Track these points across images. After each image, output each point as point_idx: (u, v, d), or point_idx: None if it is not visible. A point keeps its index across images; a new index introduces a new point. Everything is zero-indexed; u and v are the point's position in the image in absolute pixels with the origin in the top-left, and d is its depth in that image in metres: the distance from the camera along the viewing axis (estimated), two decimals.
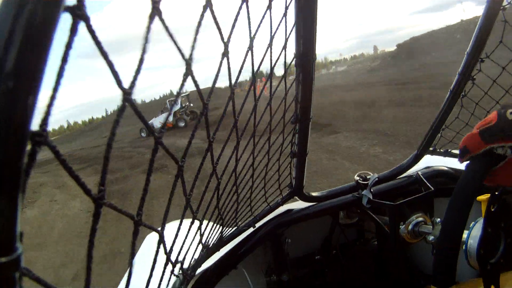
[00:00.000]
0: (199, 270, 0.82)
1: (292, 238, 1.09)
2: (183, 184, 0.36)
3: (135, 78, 0.24)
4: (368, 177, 1.03)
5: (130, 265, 0.33)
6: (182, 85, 0.30)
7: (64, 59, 0.18)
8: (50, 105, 0.18)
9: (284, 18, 0.43)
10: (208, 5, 0.28)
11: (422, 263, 1.17)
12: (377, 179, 1.02)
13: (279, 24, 0.43)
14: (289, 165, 0.82)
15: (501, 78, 0.83)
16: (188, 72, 0.29)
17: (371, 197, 0.98)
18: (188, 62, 0.29)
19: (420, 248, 1.05)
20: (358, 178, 1.04)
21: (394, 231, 0.90)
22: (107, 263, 4.07)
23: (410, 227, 0.88)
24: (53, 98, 0.18)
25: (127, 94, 0.23)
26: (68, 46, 0.18)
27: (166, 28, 0.25)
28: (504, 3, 0.69)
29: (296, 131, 0.69)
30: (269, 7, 0.38)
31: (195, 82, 0.30)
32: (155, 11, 0.23)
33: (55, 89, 0.18)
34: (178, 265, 0.51)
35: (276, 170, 0.78)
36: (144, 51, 0.24)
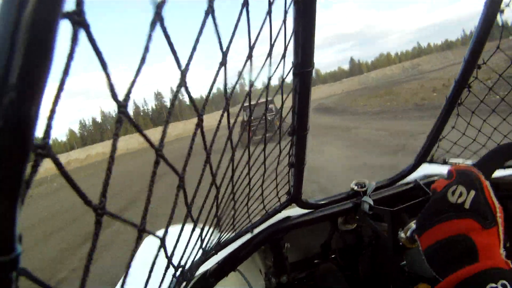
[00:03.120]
0: (197, 273, 0.83)
1: (291, 243, 1.09)
2: (185, 195, 0.37)
3: (129, 91, 0.23)
4: (365, 184, 1.03)
5: (127, 267, 0.33)
6: (175, 96, 0.30)
7: (66, 72, 0.18)
8: (51, 118, 0.18)
9: (283, 25, 0.43)
10: (210, 11, 0.28)
11: (422, 268, 1.16)
12: (374, 186, 1.02)
13: (277, 35, 0.43)
14: (288, 174, 0.83)
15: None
16: (182, 83, 0.29)
17: (371, 203, 0.98)
18: (183, 73, 0.29)
19: (420, 253, 1.05)
20: (354, 186, 1.04)
21: (392, 237, 0.90)
22: None
23: (408, 233, 0.88)
24: (53, 111, 0.18)
25: (122, 107, 0.23)
26: (70, 57, 0.18)
27: (167, 37, 0.25)
28: (502, 6, 0.68)
29: (293, 143, 0.69)
30: (269, 12, 0.38)
31: (188, 93, 0.30)
32: (157, 18, 0.23)
33: (55, 102, 0.18)
34: (177, 266, 0.52)
35: (274, 179, 0.78)
36: (143, 61, 0.23)
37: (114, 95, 0.22)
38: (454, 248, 0.53)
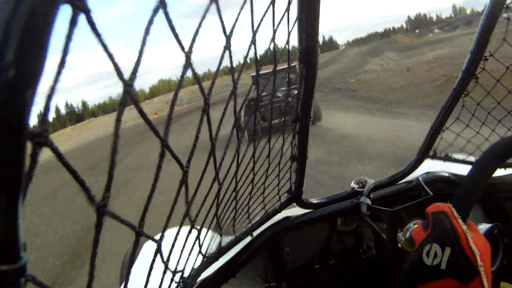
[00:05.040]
0: (198, 280, 0.82)
1: (291, 247, 1.08)
2: (186, 191, 0.36)
3: (135, 70, 0.23)
4: (365, 183, 1.02)
5: (128, 272, 0.32)
6: (182, 79, 0.29)
7: (65, 52, 0.17)
8: (48, 102, 0.17)
9: (287, 12, 0.42)
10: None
11: None
12: (373, 185, 1.01)
13: (281, 19, 0.42)
14: (289, 169, 0.81)
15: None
16: (188, 64, 0.28)
17: (369, 203, 0.97)
18: (188, 55, 0.28)
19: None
20: (355, 185, 1.03)
21: (391, 239, 0.89)
22: None
23: (407, 234, 0.88)
24: (51, 93, 0.17)
25: (128, 86, 0.22)
26: (68, 38, 0.17)
27: (170, 21, 0.25)
28: (508, 1, 0.68)
29: (296, 131, 0.68)
30: (272, 2, 0.37)
31: (195, 75, 0.30)
32: (160, 4, 0.22)
33: (54, 83, 0.17)
34: (178, 274, 0.51)
35: (276, 176, 0.77)
36: (144, 43, 0.23)
37: (120, 74, 0.21)
38: None
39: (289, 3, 0.41)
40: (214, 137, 0.37)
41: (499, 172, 0.96)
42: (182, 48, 0.28)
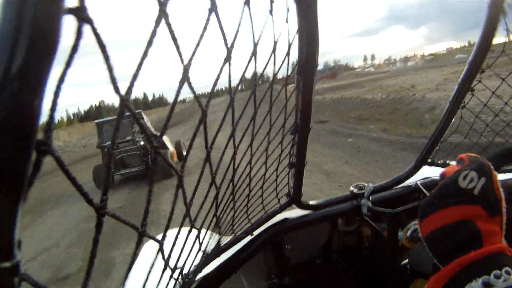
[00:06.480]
0: (199, 276, 0.84)
1: (292, 244, 1.10)
2: (184, 194, 0.37)
3: (132, 84, 0.23)
4: (363, 187, 1.03)
5: (127, 272, 0.33)
6: (178, 92, 0.30)
7: (68, 63, 0.18)
8: (52, 111, 0.18)
9: (286, 24, 0.43)
10: (213, 9, 0.28)
11: (424, 265, 1.16)
12: (372, 188, 1.02)
13: (280, 33, 0.43)
14: (288, 174, 0.82)
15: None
16: (185, 78, 0.29)
17: (370, 205, 0.98)
18: (186, 68, 0.28)
19: (422, 251, 1.05)
20: (353, 188, 1.04)
21: (392, 238, 0.90)
22: None
23: (408, 233, 0.89)
24: (54, 103, 0.18)
25: (124, 100, 0.23)
26: (74, 49, 0.18)
27: (172, 32, 0.25)
28: (506, 14, 0.68)
29: (294, 142, 0.69)
30: (271, 12, 0.37)
31: (191, 89, 0.30)
32: (162, 14, 0.22)
33: (56, 94, 0.18)
34: (177, 271, 0.52)
35: (274, 180, 0.78)
36: (145, 55, 0.23)
37: (116, 88, 0.22)
38: (458, 233, 0.52)
39: (287, 13, 0.41)
40: (209, 145, 0.38)
41: (501, 177, 0.97)
42: (182, 61, 0.28)
